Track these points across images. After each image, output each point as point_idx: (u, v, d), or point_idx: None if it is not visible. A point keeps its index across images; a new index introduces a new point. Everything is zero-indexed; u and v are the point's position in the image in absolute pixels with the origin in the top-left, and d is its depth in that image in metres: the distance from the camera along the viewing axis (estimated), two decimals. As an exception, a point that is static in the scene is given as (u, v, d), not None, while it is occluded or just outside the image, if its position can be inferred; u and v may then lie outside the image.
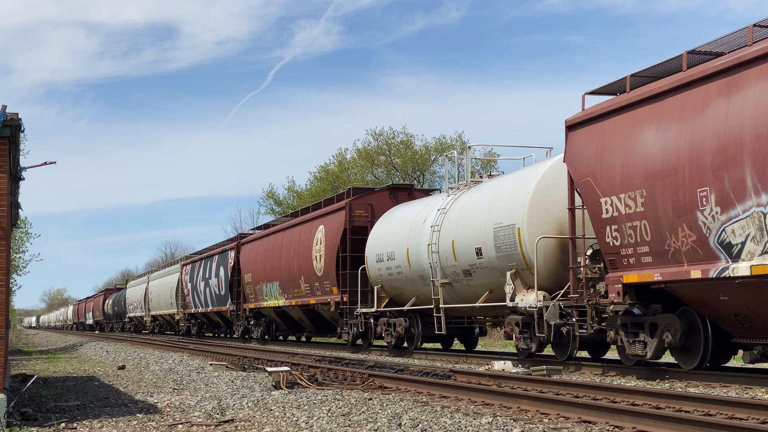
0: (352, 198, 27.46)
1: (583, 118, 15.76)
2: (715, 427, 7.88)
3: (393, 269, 23.29)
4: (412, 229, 22.45)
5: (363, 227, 26.98)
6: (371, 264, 24.69)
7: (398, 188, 27.91)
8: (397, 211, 24.78)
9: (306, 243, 29.98)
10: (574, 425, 9.01)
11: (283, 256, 32.49)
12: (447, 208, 20.93)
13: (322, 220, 29.03)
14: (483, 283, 19.24)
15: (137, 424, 9.84)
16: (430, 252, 21.03)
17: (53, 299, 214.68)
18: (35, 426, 9.87)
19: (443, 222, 20.73)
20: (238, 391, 13.48)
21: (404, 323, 23.27)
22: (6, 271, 10.15)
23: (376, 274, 24.44)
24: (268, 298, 34.47)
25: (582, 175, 15.50)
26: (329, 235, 27.93)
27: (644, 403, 10.31)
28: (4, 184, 9.92)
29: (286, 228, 33.15)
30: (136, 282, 68.77)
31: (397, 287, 23.54)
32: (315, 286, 29.05)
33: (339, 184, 54.59)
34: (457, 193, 21.21)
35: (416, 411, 10.38)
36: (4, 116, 9.74)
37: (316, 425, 9.50)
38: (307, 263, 29.48)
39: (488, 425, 9.04)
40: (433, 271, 21.01)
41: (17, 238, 40.78)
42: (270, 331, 36.55)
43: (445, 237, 20.47)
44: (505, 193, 18.48)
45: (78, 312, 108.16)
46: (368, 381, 14.23)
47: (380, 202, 27.23)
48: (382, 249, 23.96)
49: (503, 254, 18.04)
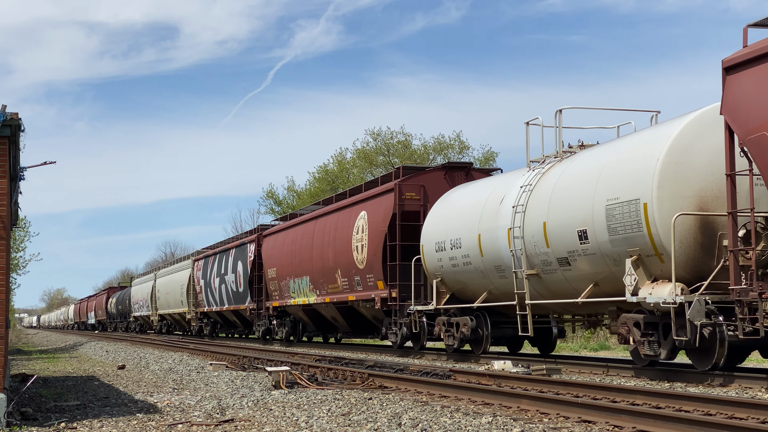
0: (402, 179, 23.75)
1: (749, 55, 12.11)
2: (715, 427, 7.75)
3: (458, 259, 19.70)
4: (485, 212, 18.84)
5: (414, 212, 23.46)
6: (429, 254, 21.11)
7: (454, 167, 24.06)
8: (459, 192, 21.20)
9: (344, 232, 26.39)
10: (574, 425, 8.93)
11: (314, 247, 28.92)
12: (533, 184, 17.33)
13: (364, 206, 25.42)
14: (585, 274, 15.64)
15: (137, 424, 9.80)
16: (512, 238, 17.44)
17: (53, 299, 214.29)
18: (35, 426, 9.79)
19: (529, 201, 17.14)
20: (238, 391, 13.41)
21: (470, 323, 19.68)
22: (6, 271, 10.17)
23: (434, 265, 20.85)
24: (295, 295, 31.01)
25: (752, 129, 11.87)
26: (374, 221, 24.36)
27: (644, 402, 10.20)
28: (4, 184, 9.93)
29: (319, 216, 29.49)
30: (142, 279, 65.11)
31: (461, 280, 19.97)
32: (355, 281, 25.51)
33: (338, 184, 54.21)
34: (543, 167, 17.61)
35: (416, 411, 10.32)
36: (4, 116, 9.70)
37: (316, 425, 9.46)
38: (346, 255, 25.98)
39: (488, 425, 8.98)
40: (516, 260, 17.42)
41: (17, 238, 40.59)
42: (296, 332, 33.10)
43: (532, 219, 16.88)
44: (621, 161, 14.86)
45: (79, 311, 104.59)
46: (368, 381, 14.11)
47: (434, 183, 23.58)
48: (444, 236, 20.36)
49: (620, 237, 14.42)
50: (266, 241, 35.25)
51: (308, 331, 33.01)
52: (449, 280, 20.49)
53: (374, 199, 24.83)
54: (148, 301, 58.28)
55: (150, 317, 58.07)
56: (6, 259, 10.13)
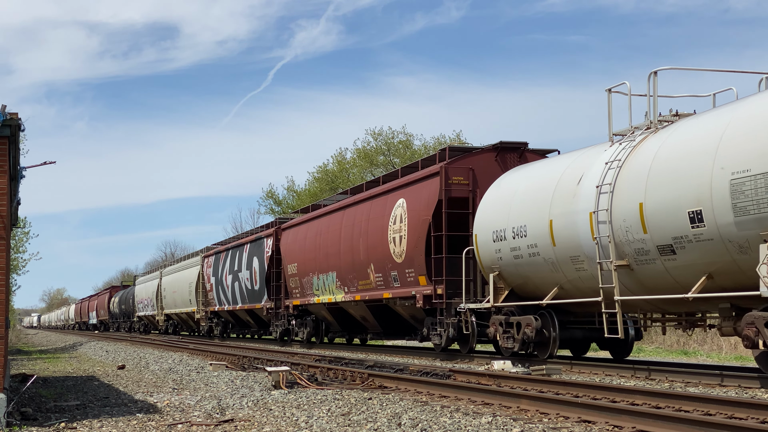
0: (448, 161, 20.94)
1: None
2: (715, 427, 7.70)
3: (522, 250, 17.09)
4: (557, 195, 16.22)
5: (462, 198, 20.74)
6: (484, 245, 18.48)
7: (507, 148, 21.05)
8: (520, 174, 18.57)
9: (379, 222, 23.73)
10: (573, 425, 8.87)
11: (343, 240, 26.27)
12: (621, 160, 14.71)
13: (402, 192, 22.73)
14: (696, 264, 13.03)
15: (137, 424, 9.76)
16: (596, 223, 14.82)
17: (53, 299, 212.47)
18: (35, 426, 9.78)
19: (618, 180, 14.52)
20: (237, 391, 13.36)
21: (535, 323, 17.05)
22: (6, 271, 10.20)
23: (491, 257, 18.22)
24: (319, 293, 28.38)
25: None
26: (415, 209, 21.69)
27: (644, 402, 10.15)
28: (4, 184, 9.95)
29: (347, 206, 26.77)
30: (147, 278, 62.30)
31: (524, 274, 17.37)
32: (391, 277, 22.87)
33: (338, 184, 53.75)
34: (634, 140, 14.98)
35: (416, 410, 10.27)
36: (3, 116, 9.72)
37: (316, 425, 9.41)
38: (381, 248, 23.35)
39: (488, 425, 8.91)
40: (601, 249, 14.79)
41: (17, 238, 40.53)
42: (319, 333, 30.41)
43: (624, 200, 14.28)
44: (751, 127, 12.21)
45: (80, 311, 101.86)
46: (368, 381, 14.03)
47: (484, 166, 20.84)
48: (504, 224, 17.74)
49: (750, 218, 11.81)
50: (285, 234, 32.57)
51: (332, 332, 30.55)
52: (509, 274, 17.86)
53: (415, 184, 22.16)
54: (153, 301, 55.91)
55: (155, 317, 55.79)
56: (6, 260, 10.15)
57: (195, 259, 46.97)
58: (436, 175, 20.95)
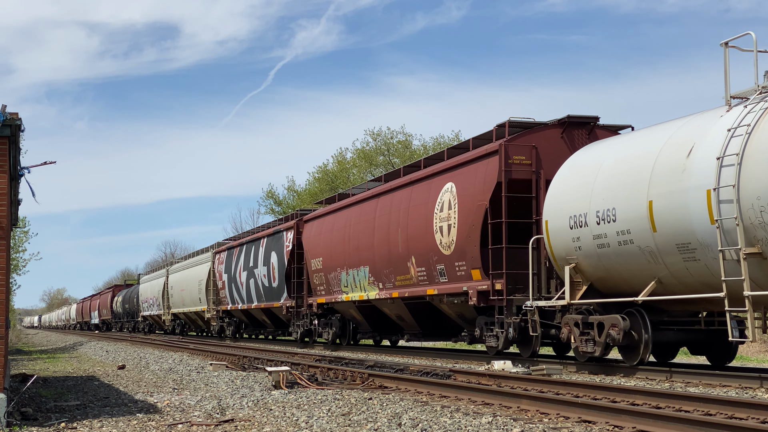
0: (508, 138, 18.35)
1: None
2: (715, 427, 7.66)
3: (609, 237, 14.52)
4: (657, 171, 13.61)
5: (524, 180, 18.15)
6: (557, 232, 15.95)
7: (575, 123, 18.37)
8: (600, 150, 15.93)
9: (421, 210, 21.13)
10: (574, 425, 8.80)
11: (377, 231, 23.68)
12: (750, 125, 12.15)
13: (450, 176, 20.14)
14: None
15: (137, 424, 9.68)
16: (716, 202, 12.25)
17: (53, 299, 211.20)
18: (35, 426, 9.70)
19: (747, 149, 11.97)
20: (238, 391, 13.25)
21: (622, 323, 14.49)
22: (6, 271, 10.18)
23: (567, 247, 15.67)
24: (348, 290, 25.78)
25: None
26: (467, 194, 19.10)
27: (644, 402, 10.05)
28: (4, 184, 9.92)
29: (382, 194, 24.14)
30: (153, 276, 59.69)
31: (610, 266, 14.78)
32: (437, 271, 20.26)
33: (338, 184, 53.17)
34: (765, 101, 12.39)
35: (416, 411, 10.14)
36: (4, 116, 9.69)
37: (316, 425, 9.32)
38: (424, 239, 20.77)
39: (488, 425, 8.82)
40: (723, 234, 12.19)
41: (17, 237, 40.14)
42: (345, 333, 27.89)
43: (757, 173, 11.75)
44: None
45: (82, 311, 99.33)
46: (368, 381, 13.91)
47: (548, 143, 18.25)
48: (584, 207, 15.17)
49: None
50: (308, 227, 29.87)
51: (361, 333, 27.95)
52: (590, 266, 15.27)
53: (467, 166, 19.53)
54: (160, 299, 53.32)
55: (161, 317, 53.16)
56: (6, 260, 10.15)
57: (205, 256, 44.38)
58: (493, 154, 18.34)
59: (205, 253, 45.24)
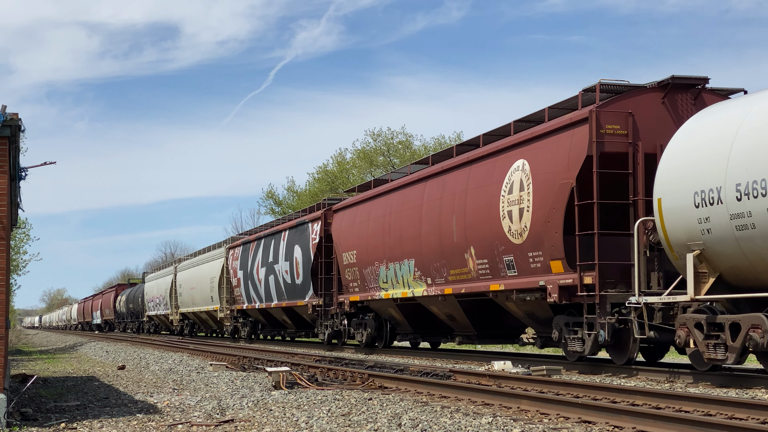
0: (599, 104, 15.74)
1: None
2: (715, 427, 7.68)
3: (756, 216, 11.94)
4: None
5: (619, 154, 15.58)
6: (676, 213, 13.37)
7: (680, 86, 15.72)
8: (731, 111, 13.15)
9: (484, 192, 18.51)
10: (574, 425, 8.85)
11: (424, 219, 21.21)
12: None
13: (521, 151, 17.55)
14: None
15: (137, 424, 9.74)
16: None
17: (53, 299, 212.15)
18: (35, 426, 9.77)
19: None
20: (238, 391, 13.38)
21: (766, 324, 11.96)
22: (6, 271, 10.21)
23: (691, 230, 13.10)
24: (388, 286, 23.32)
25: None
26: (545, 171, 16.52)
27: (644, 403, 10.08)
28: (4, 185, 9.96)
29: (429, 177, 21.47)
30: (159, 274, 57.15)
31: (754, 252, 12.22)
32: (504, 263, 17.81)
33: (338, 185, 53.16)
34: None
35: (416, 411, 10.23)
36: (4, 116, 9.74)
37: (316, 425, 9.37)
38: (487, 225, 18.24)
39: (488, 425, 8.87)
40: None
41: (17, 239, 40.17)
42: (382, 335, 25.29)
43: None
44: None
45: (83, 311, 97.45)
46: (368, 381, 13.99)
47: (647, 110, 15.70)
48: (718, 180, 12.58)
49: None
50: (338, 217, 27.00)
51: (399, 334, 25.25)
52: (722, 253, 12.69)
53: (544, 139, 16.90)
54: (167, 298, 50.90)
55: (168, 316, 50.90)
56: (6, 260, 10.19)
57: (218, 251, 41.54)
58: (581, 123, 15.75)
59: (217, 248, 42.69)
